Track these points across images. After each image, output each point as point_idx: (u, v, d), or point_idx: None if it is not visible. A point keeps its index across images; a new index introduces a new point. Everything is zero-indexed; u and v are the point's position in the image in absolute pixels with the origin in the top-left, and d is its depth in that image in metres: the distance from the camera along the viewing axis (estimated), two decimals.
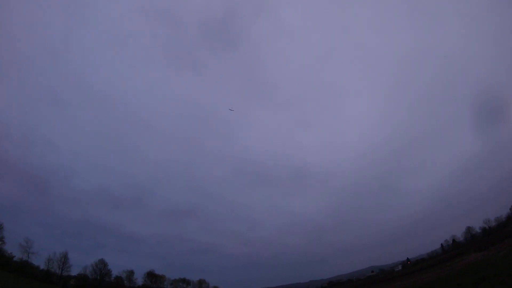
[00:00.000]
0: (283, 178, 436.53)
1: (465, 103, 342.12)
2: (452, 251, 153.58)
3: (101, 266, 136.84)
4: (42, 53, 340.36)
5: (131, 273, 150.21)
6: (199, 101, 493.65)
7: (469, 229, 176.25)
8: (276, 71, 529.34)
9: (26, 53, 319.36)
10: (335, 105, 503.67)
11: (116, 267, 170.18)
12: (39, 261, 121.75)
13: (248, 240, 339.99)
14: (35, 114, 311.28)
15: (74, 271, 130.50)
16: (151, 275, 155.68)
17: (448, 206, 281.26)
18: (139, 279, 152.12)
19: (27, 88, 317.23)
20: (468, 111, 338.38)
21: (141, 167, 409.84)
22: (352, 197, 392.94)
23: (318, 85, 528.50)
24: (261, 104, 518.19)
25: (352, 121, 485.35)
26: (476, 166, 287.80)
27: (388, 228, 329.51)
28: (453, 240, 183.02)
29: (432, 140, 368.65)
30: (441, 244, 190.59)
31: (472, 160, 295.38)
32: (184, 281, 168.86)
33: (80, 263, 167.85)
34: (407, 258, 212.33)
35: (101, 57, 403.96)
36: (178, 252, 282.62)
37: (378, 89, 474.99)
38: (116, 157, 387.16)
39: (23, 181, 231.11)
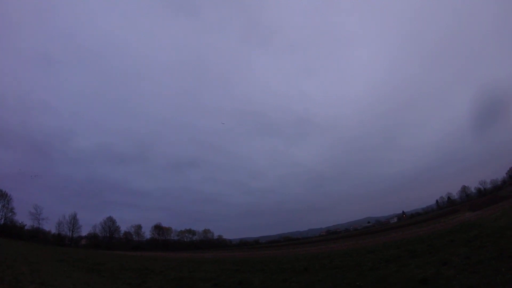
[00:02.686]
0: (285, 128, 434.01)
1: (477, 62, 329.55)
2: (447, 208, 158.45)
3: (110, 224, 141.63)
4: (28, 14, 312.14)
5: (139, 227, 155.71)
6: (197, 50, 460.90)
7: (464, 188, 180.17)
8: (278, 13, 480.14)
9: (12, 16, 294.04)
10: (341, 52, 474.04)
11: (124, 223, 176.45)
12: (50, 226, 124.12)
13: (250, 190, 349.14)
14: (29, 78, 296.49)
15: (84, 231, 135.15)
16: (158, 228, 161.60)
17: (446, 164, 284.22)
18: (146, 232, 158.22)
19: (18, 52, 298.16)
20: (478, 70, 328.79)
21: (141, 122, 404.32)
22: (353, 149, 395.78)
23: (323, 30, 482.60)
24: (262, 49, 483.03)
25: (359, 70, 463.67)
26: (478, 127, 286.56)
27: (386, 182, 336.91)
28: (448, 198, 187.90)
29: (439, 96, 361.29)
30: (436, 201, 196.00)
31: (474, 120, 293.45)
32: (190, 231, 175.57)
33: (89, 222, 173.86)
34: (403, 211, 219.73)
35: (91, 11, 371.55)
36: (183, 203, 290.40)
37: (388, 38, 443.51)
38: (116, 113, 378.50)
39: (25, 147, 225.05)
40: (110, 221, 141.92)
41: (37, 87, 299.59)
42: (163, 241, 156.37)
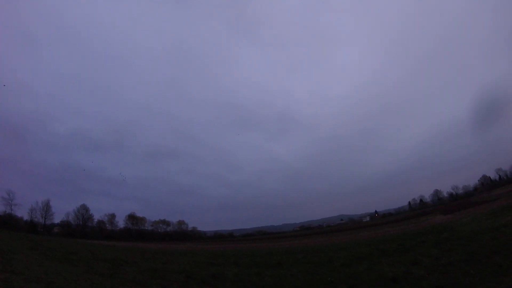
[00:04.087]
0: (266, 123, 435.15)
1: (464, 72, 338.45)
2: (419, 210, 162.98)
3: (83, 212, 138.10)
4: None
5: (112, 216, 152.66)
6: (182, 38, 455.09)
7: (437, 192, 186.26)
8: (267, 5, 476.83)
9: None
10: (327, 52, 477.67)
11: (98, 211, 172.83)
12: (23, 212, 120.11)
13: (227, 183, 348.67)
14: (8, 57, 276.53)
15: (57, 219, 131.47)
16: (132, 218, 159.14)
17: (420, 168, 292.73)
18: (120, 222, 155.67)
19: None
20: (464, 80, 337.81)
21: (120, 109, 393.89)
22: (331, 148, 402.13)
23: (311, 27, 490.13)
24: (248, 41, 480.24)
25: (344, 71, 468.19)
26: (455, 135, 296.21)
27: (361, 181, 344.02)
28: (421, 200, 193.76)
29: (421, 104, 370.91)
30: (409, 202, 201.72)
31: (452, 128, 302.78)
32: (164, 222, 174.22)
33: (62, 210, 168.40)
34: (375, 210, 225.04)
35: None
36: (158, 194, 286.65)
37: (376, 41, 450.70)
38: (95, 99, 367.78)
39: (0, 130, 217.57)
40: (84, 209, 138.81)
41: (16, 67, 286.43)
42: (137, 231, 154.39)
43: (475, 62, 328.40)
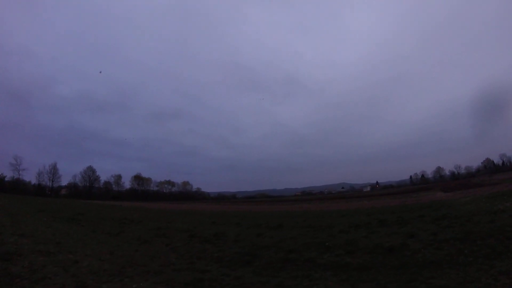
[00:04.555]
0: (273, 86, 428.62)
1: (475, 50, 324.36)
2: (420, 185, 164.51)
3: (90, 173, 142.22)
4: None
5: (118, 177, 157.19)
6: None
7: (439, 169, 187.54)
8: None
9: None
10: (340, 13, 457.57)
11: (104, 172, 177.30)
12: (30, 176, 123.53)
13: (232, 145, 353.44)
14: (8, 21, 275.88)
15: (64, 181, 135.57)
16: (138, 178, 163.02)
17: (425, 143, 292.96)
18: (126, 182, 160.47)
19: None
20: (478, 59, 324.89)
21: (124, 69, 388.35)
22: (337, 116, 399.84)
23: None
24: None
25: (356, 35, 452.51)
26: (462, 114, 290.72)
27: (364, 151, 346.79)
28: (422, 176, 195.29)
29: (431, 78, 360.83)
30: (410, 176, 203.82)
31: (460, 106, 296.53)
32: (169, 182, 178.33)
33: (69, 172, 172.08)
34: (377, 181, 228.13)
35: None
36: (163, 154, 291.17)
37: (391, 8, 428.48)
38: (98, 59, 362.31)
39: (4, 96, 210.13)
40: (90, 170, 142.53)
41: (17, 31, 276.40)
42: (142, 192, 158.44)
43: (489, 43, 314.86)
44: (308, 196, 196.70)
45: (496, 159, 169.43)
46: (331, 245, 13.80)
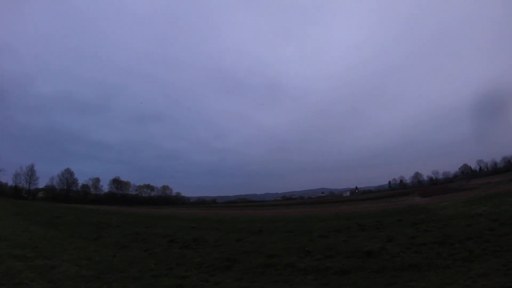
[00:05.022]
0: (255, 89, 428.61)
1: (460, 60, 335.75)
2: (398, 190, 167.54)
3: (68, 176, 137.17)
4: None
5: (97, 180, 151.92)
6: None
7: (417, 174, 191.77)
8: None
9: None
10: (324, 22, 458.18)
11: (83, 175, 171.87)
12: (7, 178, 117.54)
13: (214, 149, 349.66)
14: None
15: (42, 183, 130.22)
16: (116, 182, 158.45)
17: (403, 149, 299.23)
18: (105, 186, 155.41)
19: None
20: (458, 68, 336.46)
21: (106, 70, 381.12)
22: (320, 119, 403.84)
23: None
24: (241, 4, 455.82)
25: (337, 36, 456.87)
26: (440, 121, 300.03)
27: (344, 157, 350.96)
28: (401, 181, 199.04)
29: (412, 84, 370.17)
30: (389, 182, 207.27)
31: (441, 110, 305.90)
32: (149, 186, 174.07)
33: (47, 174, 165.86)
34: (356, 187, 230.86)
35: None
36: (143, 157, 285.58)
37: (375, 20, 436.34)
38: (80, 59, 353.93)
39: None
40: (68, 173, 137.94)
41: None
42: (121, 196, 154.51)
43: (466, 54, 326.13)
44: (288, 201, 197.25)
45: (473, 165, 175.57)
46: (311, 250, 13.68)
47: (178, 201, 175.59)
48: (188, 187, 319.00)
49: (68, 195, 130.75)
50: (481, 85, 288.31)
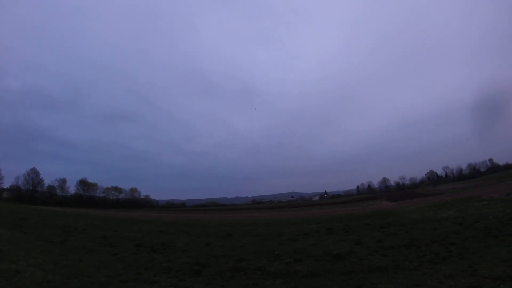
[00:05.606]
0: (229, 93, 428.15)
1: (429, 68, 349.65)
2: (366, 194, 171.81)
3: (33, 176, 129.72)
4: None
5: (63, 181, 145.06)
6: None
7: (385, 180, 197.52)
8: None
9: None
10: (299, 29, 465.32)
11: (49, 175, 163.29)
12: None
13: (185, 151, 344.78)
14: None
15: (6, 183, 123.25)
16: (83, 183, 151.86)
17: (372, 155, 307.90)
18: (71, 187, 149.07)
19: None
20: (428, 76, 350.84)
21: (77, 65, 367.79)
22: (292, 124, 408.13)
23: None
24: (218, 5, 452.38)
25: (312, 45, 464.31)
26: (407, 127, 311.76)
27: (314, 162, 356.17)
28: (369, 186, 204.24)
29: (385, 83, 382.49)
30: (357, 186, 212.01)
31: (410, 117, 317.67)
32: (116, 189, 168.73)
33: (12, 173, 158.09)
34: (325, 191, 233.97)
35: None
36: (112, 158, 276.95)
37: (346, 12, 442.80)
38: (52, 53, 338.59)
39: None
40: (34, 173, 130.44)
41: None
42: (88, 198, 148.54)
43: (439, 60, 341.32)
44: (258, 204, 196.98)
45: (440, 171, 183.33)
46: (280, 253, 13.53)
47: (147, 204, 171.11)
48: (157, 190, 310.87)
49: (34, 196, 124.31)
50: (448, 97, 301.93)
